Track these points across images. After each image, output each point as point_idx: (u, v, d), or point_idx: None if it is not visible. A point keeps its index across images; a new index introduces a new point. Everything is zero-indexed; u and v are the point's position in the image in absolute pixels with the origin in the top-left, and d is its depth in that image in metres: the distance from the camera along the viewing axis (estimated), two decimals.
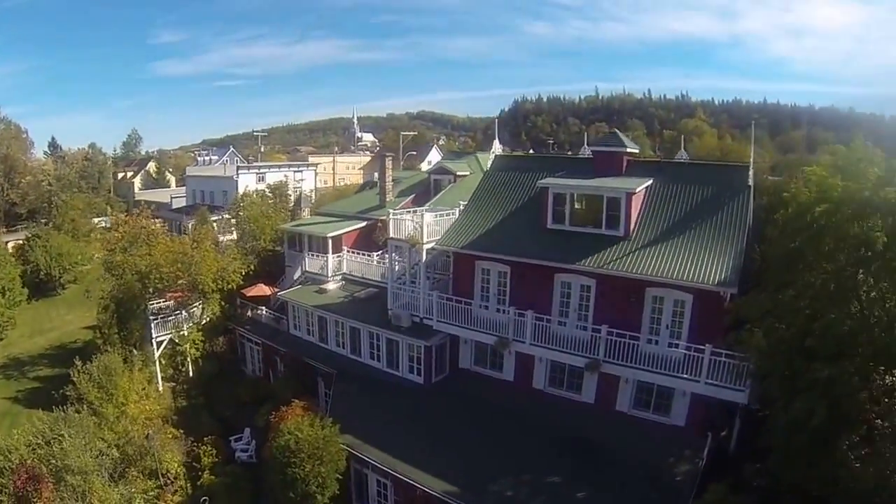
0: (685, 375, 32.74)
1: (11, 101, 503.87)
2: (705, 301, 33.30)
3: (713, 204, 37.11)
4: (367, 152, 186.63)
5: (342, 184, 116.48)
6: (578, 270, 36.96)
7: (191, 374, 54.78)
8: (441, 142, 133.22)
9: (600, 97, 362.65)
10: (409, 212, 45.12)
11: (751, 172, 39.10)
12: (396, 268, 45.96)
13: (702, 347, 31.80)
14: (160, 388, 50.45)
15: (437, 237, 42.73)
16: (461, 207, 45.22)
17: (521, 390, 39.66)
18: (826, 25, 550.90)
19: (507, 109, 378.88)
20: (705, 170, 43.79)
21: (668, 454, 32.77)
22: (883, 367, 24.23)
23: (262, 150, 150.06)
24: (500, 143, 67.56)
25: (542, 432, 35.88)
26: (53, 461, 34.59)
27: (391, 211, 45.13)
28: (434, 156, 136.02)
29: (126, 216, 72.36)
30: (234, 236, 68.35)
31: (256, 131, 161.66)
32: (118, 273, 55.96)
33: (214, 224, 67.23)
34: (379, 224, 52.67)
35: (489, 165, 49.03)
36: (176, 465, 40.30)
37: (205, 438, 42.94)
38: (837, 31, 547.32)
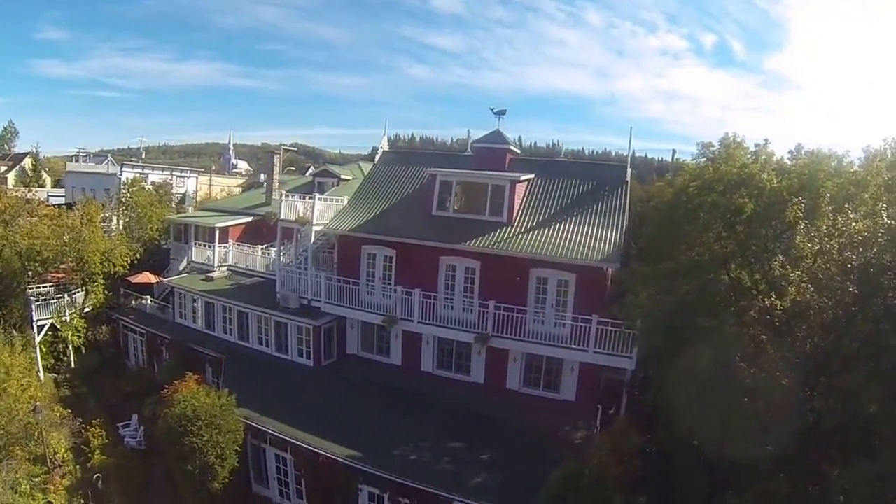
0: (574, 346, 33.37)
1: None
2: (589, 279, 34.31)
3: (594, 195, 38.57)
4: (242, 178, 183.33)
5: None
6: (463, 252, 37.27)
7: (72, 364, 51.45)
8: (310, 172, 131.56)
9: (471, 140, 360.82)
10: (301, 196, 44.66)
11: (629, 171, 40.40)
12: (284, 254, 45.60)
13: (588, 318, 32.45)
14: (41, 377, 46.55)
15: (326, 222, 42.12)
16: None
17: (410, 373, 39.47)
18: (695, 92, 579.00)
19: (379, 147, 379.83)
20: (586, 167, 45.98)
21: (562, 424, 33.24)
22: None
23: (144, 156, 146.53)
24: None
25: (434, 408, 35.88)
26: None
27: (283, 193, 45.19)
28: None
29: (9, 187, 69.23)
30: (119, 225, 65.87)
31: (137, 145, 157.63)
32: None
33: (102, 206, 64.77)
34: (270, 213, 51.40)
35: (377, 160, 49.29)
36: (63, 449, 38.16)
37: (93, 421, 40.65)
38: (705, 98, 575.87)
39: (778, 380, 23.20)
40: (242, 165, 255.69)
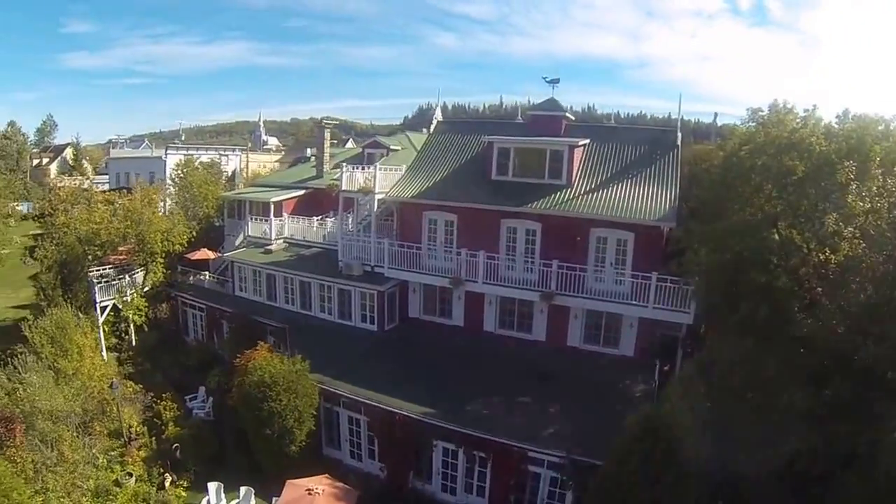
0: (634, 302, 35.75)
1: None
2: (646, 237, 36.60)
3: (647, 159, 40.60)
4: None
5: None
6: (524, 214, 39.53)
7: (133, 342, 54.43)
8: (349, 144, 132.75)
9: (505, 107, 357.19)
10: (360, 167, 46.98)
11: (678, 135, 42.14)
12: (346, 222, 47.80)
13: (648, 275, 34.81)
14: (105, 357, 48.60)
15: (387, 191, 44.24)
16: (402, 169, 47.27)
17: (473, 333, 41.81)
18: (731, 53, 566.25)
19: (411, 116, 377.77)
20: (637, 131, 47.96)
21: (623, 378, 35.80)
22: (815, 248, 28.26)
23: (183, 137, 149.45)
24: None
25: (500, 366, 37.81)
26: (21, 405, 33.97)
27: (344, 165, 46.71)
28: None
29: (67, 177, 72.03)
30: (171, 204, 69.08)
31: (175, 127, 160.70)
32: (59, 235, 56.59)
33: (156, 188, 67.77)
34: (333, 182, 53.60)
35: (432, 129, 51.40)
36: (136, 423, 40.41)
37: (163, 395, 43.05)
38: (742, 58, 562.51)
39: (834, 328, 24.65)
40: (273, 142, 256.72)
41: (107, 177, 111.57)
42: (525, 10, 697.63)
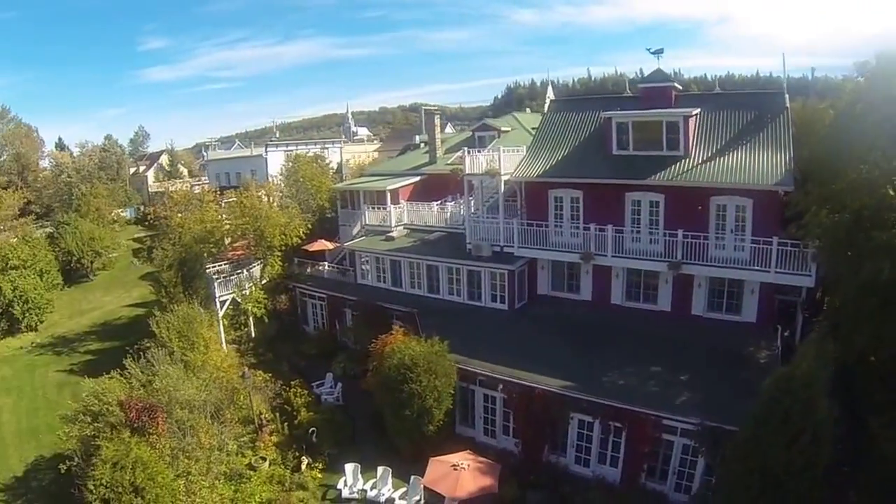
0: (756, 268, 37.52)
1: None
2: (764, 202, 38.45)
3: (758, 124, 42.34)
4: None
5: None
6: (648, 186, 41.67)
7: (253, 334, 58.76)
8: (448, 129, 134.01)
9: (593, 79, 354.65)
10: (480, 150, 50.34)
11: (786, 97, 43.72)
12: (468, 206, 50.90)
13: (769, 240, 36.52)
14: (224, 350, 51.38)
15: (511, 171, 47.37)
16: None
17: (601, 307, 44.13)
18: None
19: (500, 96, 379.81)
20: (745, 97, 50.19)
21: (747, 345, 37.41)
22: None
23: (277, 134, 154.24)
24: None
25: (629, 337, 39.77)
26: (158, 396, 36.41)
27: (466, 149, 50.02)
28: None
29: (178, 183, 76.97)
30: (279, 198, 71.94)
31: (269, 124, 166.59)
32: (176, 234, 62.65)
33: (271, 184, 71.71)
34: (455, 167, 56.21)
35: (546, 109, 54.00)
36: (265, 410, 44.10)
37: (292, 382, 47.10)
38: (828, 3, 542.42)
39: None
40: (363, 132, 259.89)
41: (206, 178, 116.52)
42: None
